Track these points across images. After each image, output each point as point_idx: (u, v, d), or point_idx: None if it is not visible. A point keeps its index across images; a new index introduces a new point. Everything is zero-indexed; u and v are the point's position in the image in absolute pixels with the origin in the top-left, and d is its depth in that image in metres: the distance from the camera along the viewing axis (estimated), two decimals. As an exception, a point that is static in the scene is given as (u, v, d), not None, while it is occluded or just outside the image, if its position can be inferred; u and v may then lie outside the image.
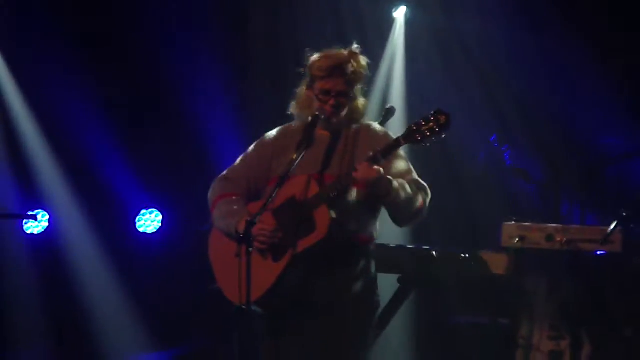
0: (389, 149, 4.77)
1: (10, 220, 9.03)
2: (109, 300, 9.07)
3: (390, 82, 9.02)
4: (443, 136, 4.70)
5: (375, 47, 8.73)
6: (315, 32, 8.48)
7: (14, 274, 9.01)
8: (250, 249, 4.60)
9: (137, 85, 9.11)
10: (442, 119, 4.68)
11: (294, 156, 4.80)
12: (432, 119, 4.69)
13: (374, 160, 4.71)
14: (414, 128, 4.71)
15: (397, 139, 4.76)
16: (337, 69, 4.90)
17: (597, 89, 8.25)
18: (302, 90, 5.06)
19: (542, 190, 8.15)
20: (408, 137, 4.72)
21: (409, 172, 4.97)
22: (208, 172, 5.23)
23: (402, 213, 4.91)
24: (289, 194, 4.83)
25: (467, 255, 7.02)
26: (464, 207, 8.47)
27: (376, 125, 5.12)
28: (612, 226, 6.61)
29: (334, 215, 4.75)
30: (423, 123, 4.70)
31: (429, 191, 4.97)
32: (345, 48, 4.98)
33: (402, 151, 4.96)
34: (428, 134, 4.68)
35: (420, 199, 4.90)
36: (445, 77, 8.73)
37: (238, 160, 5.16)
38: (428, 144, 4.72)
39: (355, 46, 4.99)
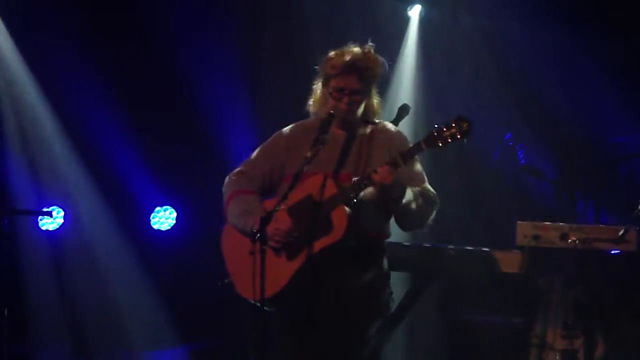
0: (411, 153, 4.77)
1: (25, 216, 9.06)
2: (123, 297, 9.09)
3: (405, 81, 9.02)
4: (465, 142, 4.70)
5: (390, 45, 8.73)
6: (328, 30, 8.48)
7: (29, 270, 9.04)
8: (264, 247, 4.60)
9: (153, 84, 9.11)
10: (465, 125, 4.67)
11: (309, 154, 4.80)
12: (454, 125, 4.68)
13: (395, 164, 4.71)
14: (435, 133, 4.70)
15: (419, 143, 4.75)
16: (351, 67, 4.89)
17: (611, 88, 8.24)
18: (318, 87, 5.06)
19: (557, 189, 8.14)
20: (430, 141, 4.71)
21: (422, 180, 4.98)
22: (222, 169, 5.23)
23: (408, 221, 4.95)
24: (305, 192, 4.83)
25: (482, 254, 7.02)
26: (479, 205, 8.46)
27: (391, 126, 5.12)
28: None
29: (350, 215, 4.75)
30: (444, 129, 4.69)
31: (438, 201, 4.98)
32: (360, 46, 4.98)
33: (416, 156, 4.97)
34: (450, 140, 4.68)
35: (429, 211, 4.93)
36: (460, 75, 8.72)
37: (253, 155, 5.15)
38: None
39: (369, 44, 4.99)
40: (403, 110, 5.56)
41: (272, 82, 9.07)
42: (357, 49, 4.95)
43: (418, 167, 4.99)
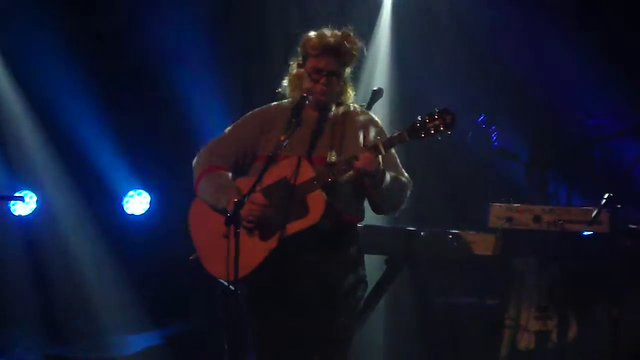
0: (392, 143, 4.79)
1: (-3, 201, 9.01)
2: (97, 282, 9.06)
3: (378, 64, 9.00)
4: (448, 134, 4.71)
5: (363, 28, 8.70)
6: (300, 13, 8.44)
7: (1, 256, 8.99)
8: (238, 230, 4.59)
9: (125, 67, 9.08)
10: (449, 118, 4.70)
11: (282, 137, 4.79)
12: (437, 117, 4.71)
13: (376, 152, 4.72)
14: (418, 125, 4.73)
15: (401, 134, 4.77)
16: (330, 48, 4.90)
17: (585, 70, 8.26)
18: (293, 68, 5.06)
19: (529, 170, 8.17)
20: (412, 133, 4.74)
21: (396, 164, 5.00)
22: (196, 153, 5.21)
23: (383, 205, 4.96)
24: (280, 174, 4.82)
25: (455, 236, 7.04)
26: (452, 187, 8.48)
27: (365, 111, 5.13)
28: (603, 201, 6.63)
29: (326, 199, 4.75)
30: (427, 120, 4.72)
31: (411, 187, 5.00)
32: (339, 28, 4.99)
33: None
34: (433, 132, 4.71)
35: (403, 196, 4.95)
36: (434, 58, 8.72)
37: (226, 132, 5.13)
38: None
39: (348, 27, 5.00)
40: (376, 93, 5.56)
41: (245, 64, 9.05)
42: (336, 31, 4.96)
43: (392, 152, 5.00)
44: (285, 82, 5.08)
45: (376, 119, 5.07)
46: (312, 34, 4.98)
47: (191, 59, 8.98)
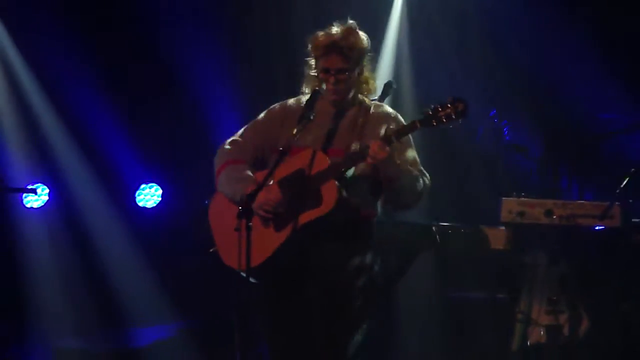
0: (405, 131, 4.79)
1: (9, 194, 9.01)
2: (108, 275, 9.08)
3: (390, 57, 9.00)
4: (460, 122, 4.71)
5: (376, 21, 8.71)
6: (314, 8, 8.44)
7: (14, 249, 9.01)
8: (250, 224, 4.61)
9: (139, 62, 9.08)
10: (461, 106, 4.71)
11: (294, 130, 4.81)
12: (450, 105, 4.71)
13: (388, 140, 4.72)
14: (430, 113, 4.73)
15: (414, 122, 4.77)
16: (333, 47, 4.91)
17: (597, 64, 8.25)
18: (309, 69, 5.08)
19: (541, 165, 8.16)
20: (425, 121, 4.74)
21: (415, 161, 5.00)
22: (207, 146, 5.24)
23: (401, 200, 4.96)
24: (296, 165, 4.86)
25: (467, 230, 7.05)
26: (464, 182, 8.48)
27: (386, 106, 5.13)
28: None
29: (341, 191, 4.77)
30: (440, 109, 4.72)
31: (429, 183, 5.00)
32: (342, 24, 4.99)
33: (410, 137, 4.98)
34: (444, 120, 4.71)
35: (420, 192, 4.94)
36: (446, 52, 8.71)
37: (247, 126, 5.18)
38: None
39: (351, 22, 5.00)
40: (388, 86, 5.57)
41: (259, 59, 9.05)
42: (338, 29, 4.97)
43: (413, 151, 5.00)
44: (304, 85, 5.12)
45: (399, 115, 5.08)
46: (316, 34, 4.99)
47: (207, 55, 8.99)
